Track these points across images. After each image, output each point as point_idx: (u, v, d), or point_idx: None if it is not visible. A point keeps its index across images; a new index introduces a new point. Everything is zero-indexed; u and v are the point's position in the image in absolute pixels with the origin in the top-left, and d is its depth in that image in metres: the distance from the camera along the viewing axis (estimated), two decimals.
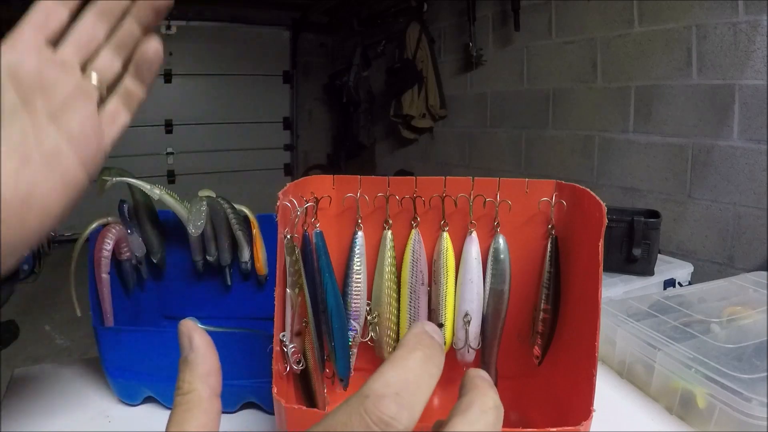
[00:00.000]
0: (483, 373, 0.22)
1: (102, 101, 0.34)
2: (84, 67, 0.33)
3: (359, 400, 0.17)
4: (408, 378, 0.17)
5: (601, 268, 0.43)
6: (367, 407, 0.16)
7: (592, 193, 0.46)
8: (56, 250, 4.01)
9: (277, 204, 0.46)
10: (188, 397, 0.23)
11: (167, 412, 0.59)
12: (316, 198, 0.53)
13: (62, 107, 0.31)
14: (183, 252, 0.67)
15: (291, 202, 0.47)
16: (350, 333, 0.55)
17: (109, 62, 0.34)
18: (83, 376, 0.68)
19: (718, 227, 1.80)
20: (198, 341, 0.24)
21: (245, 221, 0.65)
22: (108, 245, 0.60)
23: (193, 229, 0.57)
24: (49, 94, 0.30)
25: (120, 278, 0.65)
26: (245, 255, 0.66)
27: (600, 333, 0.72)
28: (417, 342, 0.19)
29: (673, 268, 1.23)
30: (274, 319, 0.46)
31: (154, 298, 0.71)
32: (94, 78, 0.33)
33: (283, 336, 0.46)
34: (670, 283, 1.18)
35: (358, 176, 0.54)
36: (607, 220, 0.43)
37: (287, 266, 0.47)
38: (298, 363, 0.48)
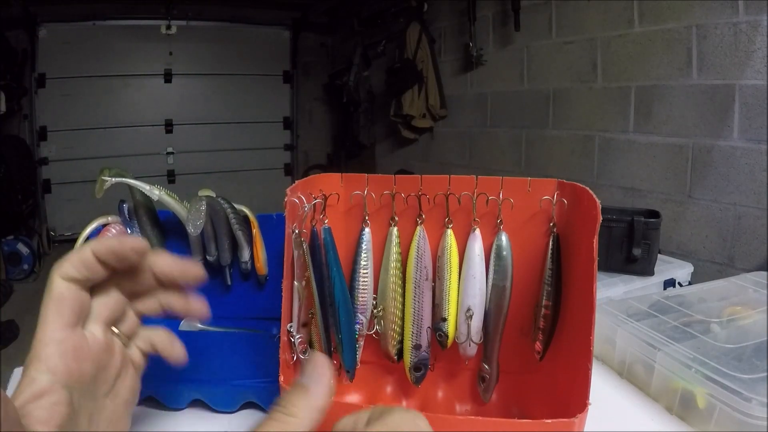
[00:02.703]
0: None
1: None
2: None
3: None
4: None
5: (596, 264, 0.43)
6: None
7: (590, 191, 0.47)
8: (56, 250, 4.01)
9: (285, 200, 0.47)
10: (290, 420, 0.25)
11: (167, 412, 0.60)
12: (324, 195, 0.54)
13: (115, 382, 0.34)
14: (183, 252, 0.67)
15: (299, 198, 0.48)
16: (356, 326, 0.56)
17: (133, 322, 0.37)
18: None
19: (718, 227, 1.80)
20: (326, 379, 0.27)
21: (245, 221, 0.65)
22: None
23: (193, 229, 0.57)
24: (105, 375, 0.33)
25: None
26: (245, 255, 0.66)
27: (599, 332, 0.73)
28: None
29: (673, 268, 1.23)
30: (282, 310, 0.47)
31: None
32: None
33: (291, 326, 0.47)
34: (670, 283, 1.18)
35: (365, 174, 0.56)
36: (601, 218, 0.43)
37: (295, 260, 0.48)
38: (305, 353, 0.49)
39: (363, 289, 0.56)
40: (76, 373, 0.29)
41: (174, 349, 0.38)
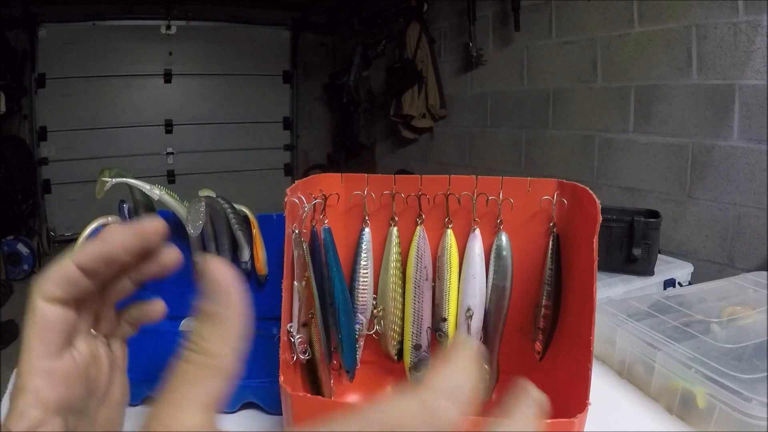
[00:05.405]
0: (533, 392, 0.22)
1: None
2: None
3: (418, 393, 0.18)
4: (460, 380, 0.19)
5: (596, 264, 0.43)
6: (425, 398, 0.18)
7: (590, 191, 0.47)
8: (56, 251, 4.01)
9: (285, 200, 0.47)
10: (210, 361, 0.20)
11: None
12: (324, 195, 0.54)
13: (106, 390, 0.31)
14: (183, 252, 0.67)
15: (299, 198, 0.48)
16: (356, 326, 0.56)
17: (111, 318, 0.33)
18: None
19: (718, 227, 1.80)
20: (232, 293, 0.21)
21: (245, 221, 0.65)
22: None
23: (193, 229, 0.57)
24: (96, 388, 0.30)
25: None
26: (245, 255, 0.66)
27: (599, 332, 0.72)
28: (465, 351, 0.21)
29: (673, 268, 1.22)
30: (282, 310, 0.47)
31: (154, 298, 0.70)
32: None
33: (291, 326, 0.47)
34: (670, 283, 1.18)
35: (365, 174, 0.56)
36: (601, 218, 0.43)
37: (295, 260, 0.48)
38: (305, 353, 0.49)
39: (363, 289, 0.56)
40: (69, 399, 0.26)
41: (154, 309, 0.35)
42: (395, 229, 0.56)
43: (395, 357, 0.57)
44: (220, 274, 0.21)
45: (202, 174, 4.35)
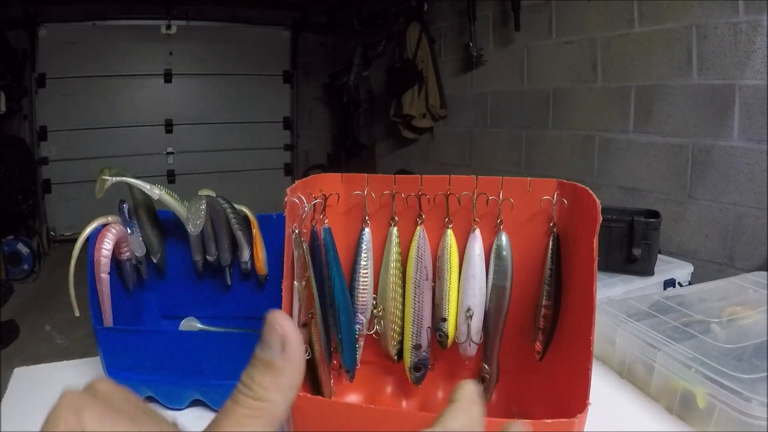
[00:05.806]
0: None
1: None
2: None
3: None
4: (473, 426, 0.22)
5: (596, 264, 0.43)
6: None
7: (590, 191, 0.47)
8: (56, 250, 4.01)
9: (285, 200, 0.47)
10: (260, 405, 0.21)
11: (167, 412, 0.59)
12: (324, 195, 0.54)
13: None
14: (183, 252, 0.67)
15: (299, 198, 0.48)
16: (356, 326, 0.56)
17: None
18: (83, 376, 0.68)
19: (718, 227, 1.80)
20: (293, 347, 0.22)
21: (245, 221, 0.65)
22: (108, 245, 0.60)
23: (192, 228, 0.57)
24: None
25: (120, 278, 0.65)
26: (245, 255, 0.66)
27: (599, 332, 0.72)
28: (477, 398, 0.24)
29: (673, 268, 1.22)
30: (282, 311, 0.47)
31: (154, 298, 0.71)
32: None
33: None
34: (670, 283, 1.18)
35: (366, 174, 0.56)
36: (601, 218, 0.43)
37: (295, 260, 0.48)
38: (305, 353, 0.49)
39: (363, 289, 0.56)
40: None
41: None
42: (395, 229, 0.56)
43: (395, 357, 0.57)
44: (281, 326, 0.22)
45: (202, 174, 4.35)
